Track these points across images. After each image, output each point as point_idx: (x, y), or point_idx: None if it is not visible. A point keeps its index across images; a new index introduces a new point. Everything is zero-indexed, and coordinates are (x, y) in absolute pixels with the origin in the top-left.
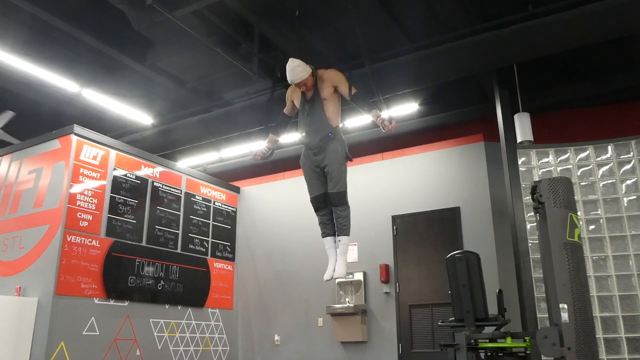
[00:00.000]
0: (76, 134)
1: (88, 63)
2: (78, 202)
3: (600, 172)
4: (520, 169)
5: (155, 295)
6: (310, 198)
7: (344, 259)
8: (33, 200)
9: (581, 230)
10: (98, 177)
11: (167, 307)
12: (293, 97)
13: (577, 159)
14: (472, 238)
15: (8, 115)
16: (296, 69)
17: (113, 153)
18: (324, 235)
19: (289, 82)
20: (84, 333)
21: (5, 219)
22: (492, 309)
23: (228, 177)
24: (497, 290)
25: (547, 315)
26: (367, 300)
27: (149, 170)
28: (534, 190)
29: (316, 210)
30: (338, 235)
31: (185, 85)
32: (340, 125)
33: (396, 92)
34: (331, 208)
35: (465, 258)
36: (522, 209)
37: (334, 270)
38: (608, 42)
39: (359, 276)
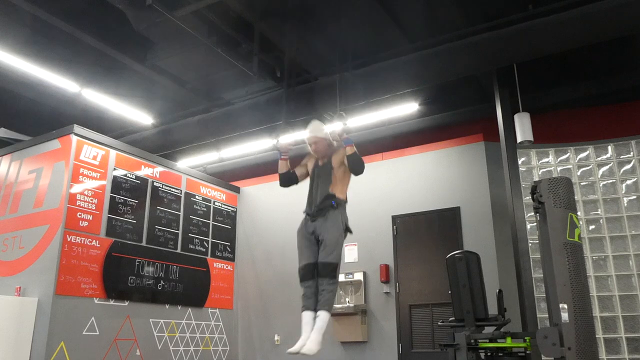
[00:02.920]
0: (76, 134)
1: (88, 63)
2: (78, 202)
3: (600, 172)
4: (520, 169)
5: (155, 295)
6: (299, 267)
7: (319, 336)
8: (33, 200)
9: (581, 230)
10: (98, 177)
11: (167, 307)
12: (308, 163)
13: (577, 159)
14: (472, 238)
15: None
16: (318, 126)
17: (113, 153)
18: (304, 309)
19: (306, 137)
20: (84, 333)
21: (5, 219)
22: (492, 309)
23: (228, 177)
24: (497, 290)
25: (547, 315)
26: (367, 300)
27: (149, 170)
28: (534, 190)
29: (301, 281)
30: (318, 310)
31: (185, 85)
32: (345, 200)
33: (396, 92)
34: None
35: (465, 258)
36: (522, 209)
37: (303, 345)
38: (608, 42)
39: (359, 276)
